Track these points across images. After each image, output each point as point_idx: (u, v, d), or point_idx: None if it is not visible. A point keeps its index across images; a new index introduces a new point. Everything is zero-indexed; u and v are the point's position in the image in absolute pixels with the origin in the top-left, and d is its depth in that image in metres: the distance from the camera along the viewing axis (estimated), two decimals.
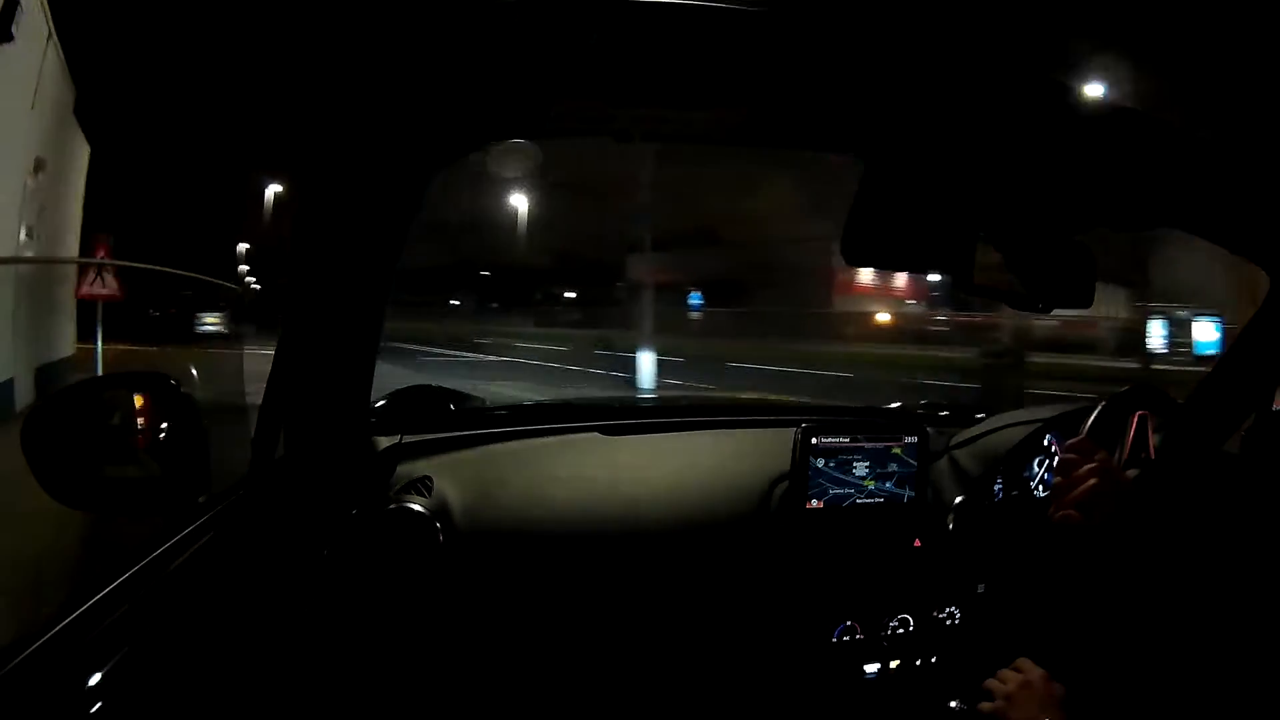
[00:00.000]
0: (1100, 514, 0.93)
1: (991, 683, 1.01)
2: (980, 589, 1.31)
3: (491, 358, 15.11)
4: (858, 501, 1.25)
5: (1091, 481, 0.91)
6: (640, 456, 1.29)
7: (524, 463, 1.22)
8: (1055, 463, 1.40)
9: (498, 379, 10.60)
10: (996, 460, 1.37)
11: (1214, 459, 1.26)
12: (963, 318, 15.87)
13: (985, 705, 0.99)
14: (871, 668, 1.26)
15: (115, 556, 0.81)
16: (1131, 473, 1.30)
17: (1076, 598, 1.30)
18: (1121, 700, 1.04)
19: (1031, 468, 1.39)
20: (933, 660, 1.29)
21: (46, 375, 7.11)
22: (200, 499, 0.87)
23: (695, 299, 20.04)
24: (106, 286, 6.60)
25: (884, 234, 0.96)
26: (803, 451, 1.22)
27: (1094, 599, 1.28)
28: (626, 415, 1.47)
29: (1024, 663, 1.02)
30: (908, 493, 1.28)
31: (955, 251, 1.00)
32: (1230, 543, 1.08)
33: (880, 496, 1.26)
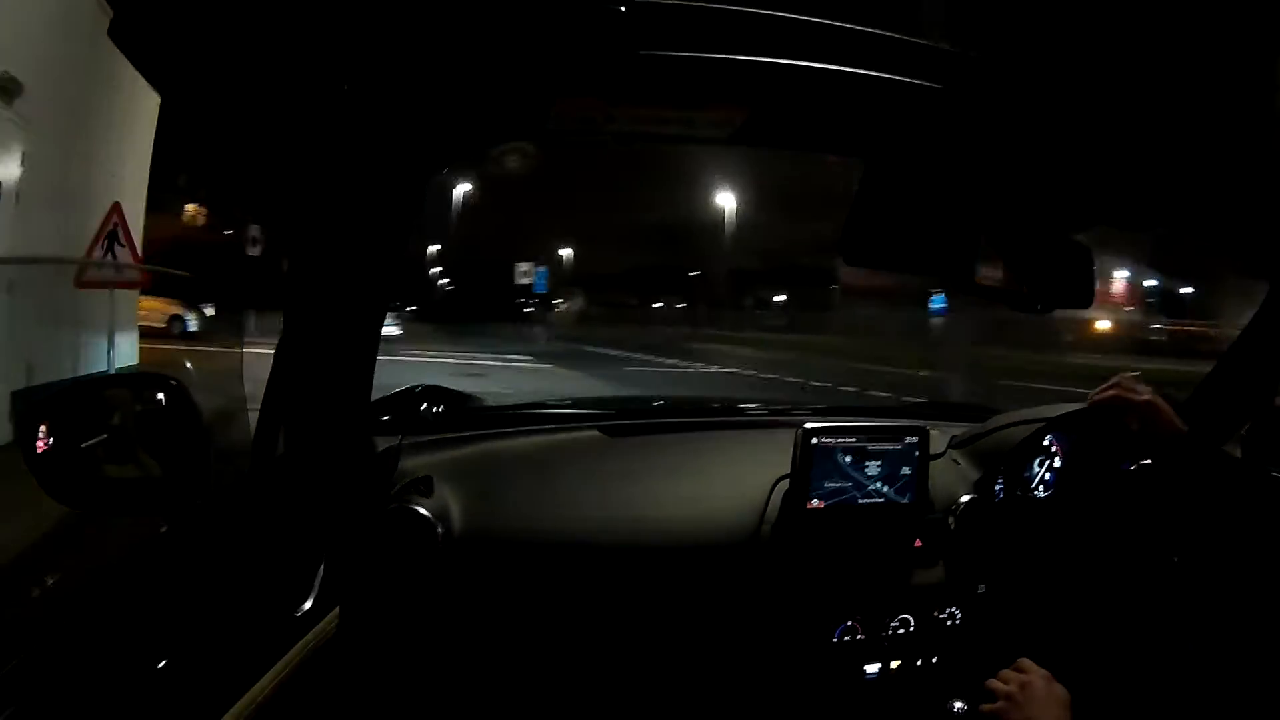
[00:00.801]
0: None
1: (993, 683, 1.01)
2: (981, 589, 1.31)
3: (715, 369, 13.09)
4: (859, 502, 1.25)
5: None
6: (642, 456, 1.29)
7: (525, 463, 1.22)
8: (1056, 463, 1.41)
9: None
10: (997, 460, 1.37)
11: (1214, 459, 1.26)
12: (1178, 326, 15.30)
13: (986, 706, 0.99)
14: (872, 668, 1.26)
15: (114, 557, 0.81)
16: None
17: (1077, 598, 1.30)
18: (1123, 700, 1.04)
19: (1032, 468, 1.39)
20: (933, 660, 1.29)
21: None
22: (200, 499, 0.87)
23: (938, 302, 16.53)
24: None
25: (885, 233, 0.96)
26: (804, 452, 1.22)
27: (1095, 599, 1.28)
28: (629, 415, 1.48)
29: (1025, 663, 1.02)
30: (909, 493, 1.28)
31: (956, 252, 1.00)
32: (1231, 542, 1.08)
33: (881, 497, 1.26)
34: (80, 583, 0.76)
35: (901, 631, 1.26)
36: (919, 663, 1.28)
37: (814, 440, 1.22)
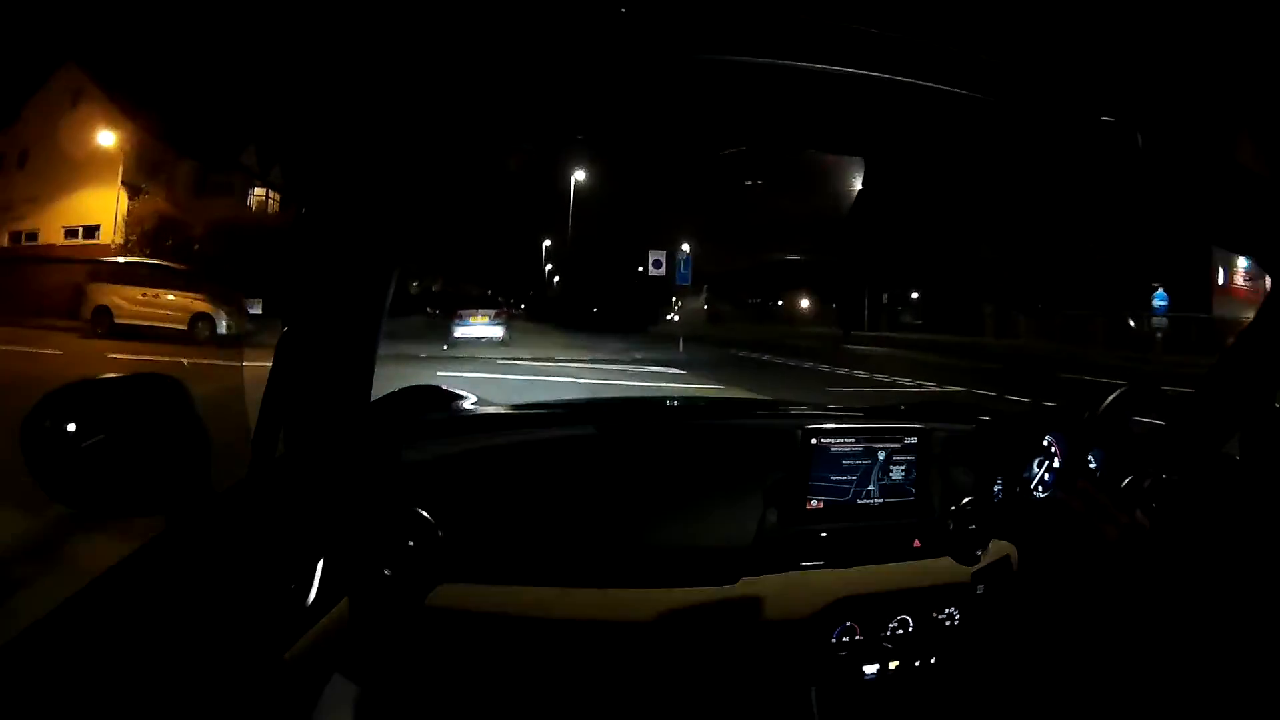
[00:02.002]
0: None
1: None
2: (980, 590, 1.31)
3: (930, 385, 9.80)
4: (858, 502, 1.25)
5: None
6: (641, 456, 1.29)
7: (524, 463, 1.22)
8: (1056, 463, 1.41)
9: None
10: (997, 460, 1.37)
11: (1214, 459, 1.26)
12: None
13: None
14: (871, 669, 1.26)
15: (113, 556, 0.81)
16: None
17: (1076, 598, 1.30)
18: (1123, 699, 1.04)
19: (1031, 468, 1.39)
20: (932, 661, 1.29)
21: None
22: (200, 499, 0.87)
23: (1161, 300, 13.83)
24: None
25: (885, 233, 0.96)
26: (804, 451, 1.22)
27: (1094, 600, 1.28)
28: (628, 416, 1.47)
29: None
30: (908, 493, 1.28)
31: (956, 252, 1.00)
32: (1231, 542, 1.08)
33: (880, 496, 1.26)
34: (80, 582, 0.76)
35: (900, 632, 1.26)
36: (918, 664, 1.28)
37: (813, 440, 1.22)
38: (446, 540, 1.09)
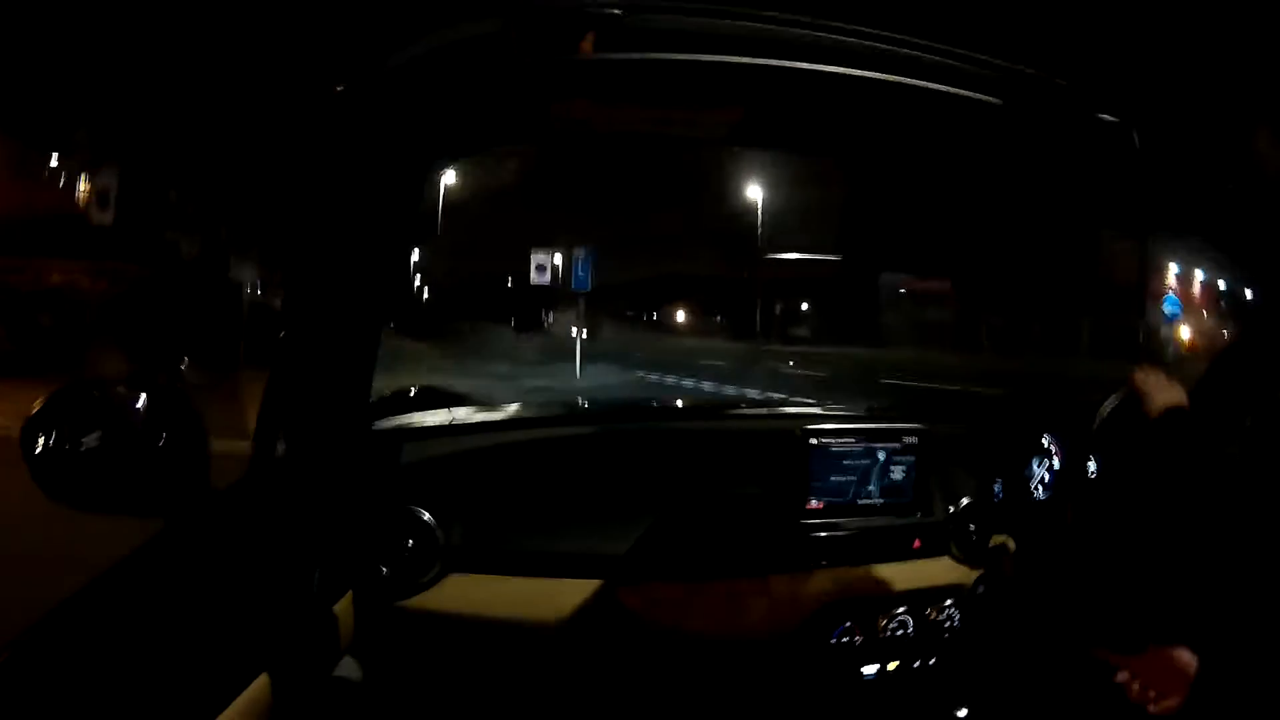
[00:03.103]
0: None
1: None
2: (980, 589, 1.31)
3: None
4: (858, 502, 1.25)
5: None
6: (641, 456, 1.29)
7: (523, 463, 1.22)
8: (1055, 463, 1.41)
9: None
10: (996, 461, 1.37)
11: (1214, 459, 1.25)
12: None
13: (1122, 676, 0.98)
14: (870, 668, 1.26)
15: (113, 557, 0.81)
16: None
17: (1075, 598, 1.30)
18: (1124, 699, 1.03)
19: (1031, 468, 1.39)
20: (931, 661, 1.29)
21: None
22: (200, 499, 0.87)
23: (1173, 306, 12.70)
24: None
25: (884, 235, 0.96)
26: (803, 451, 1.22)
27: (1093, 599, 1.28)
28: (628, 416, 1.47)
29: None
30: (908, 493, 1.28)
31: (955, 253, 1.00)
32: (1231, 541, 1.08)
33: (880, 497, 1.26)
34: (80, 582, 0.76)
35: (900, 632, 1.26)
36: (917, 664, 1.28)
37: (813, 440, 1.22)
38: (445, 540, 1.09)
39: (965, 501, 1.31)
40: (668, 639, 1.17)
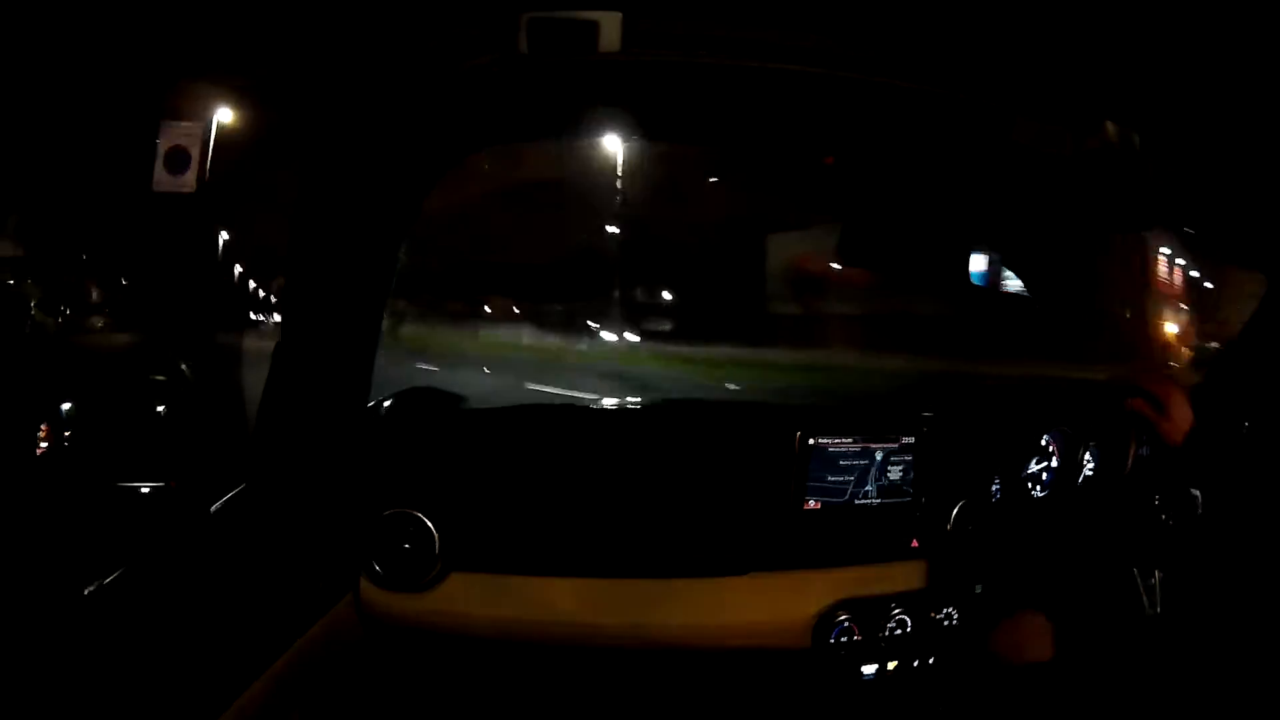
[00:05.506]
0: None
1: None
2: (978, 589, 1.31)
3: None
4: (855, 502, 1.25)
5: None
6: (639, 455, 1.29)
7: (523, 463, 1.22)
8: (1054, 463, 1.41)
9: None
10: (995, 460, 1.37)
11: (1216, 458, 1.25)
12: None
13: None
14: (869, 669, 1.26)
15: (113, 556, 0.82)
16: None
17: (1074, 598, 1.30)
18: (1119, 697, 1.04)
19: (1029, 468, 1.39)
20: (930, 661, 1.29)
21: None
22: (201, 499, 0.87)
23: None
24: None
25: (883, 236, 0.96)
26: (801, 451, 1.22)
27: (1091, 599, 1.28)
28: (627, 416, 1.47)
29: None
30: (905, 493, 1.28)
31: (955, 253, 1.00)
32: (1230, 541, 1.08)
33: (878, 497, 1.26)
34: (80, 582, 0.77)
35: (898, 632, 1.26)
36: (916, 664, 1.28)
37: (810, 440, 1.22)
38: (445, 540, 1.09)
39: (963, 501, 1.31)
40: (667, 638, 1.18)
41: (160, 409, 0.86)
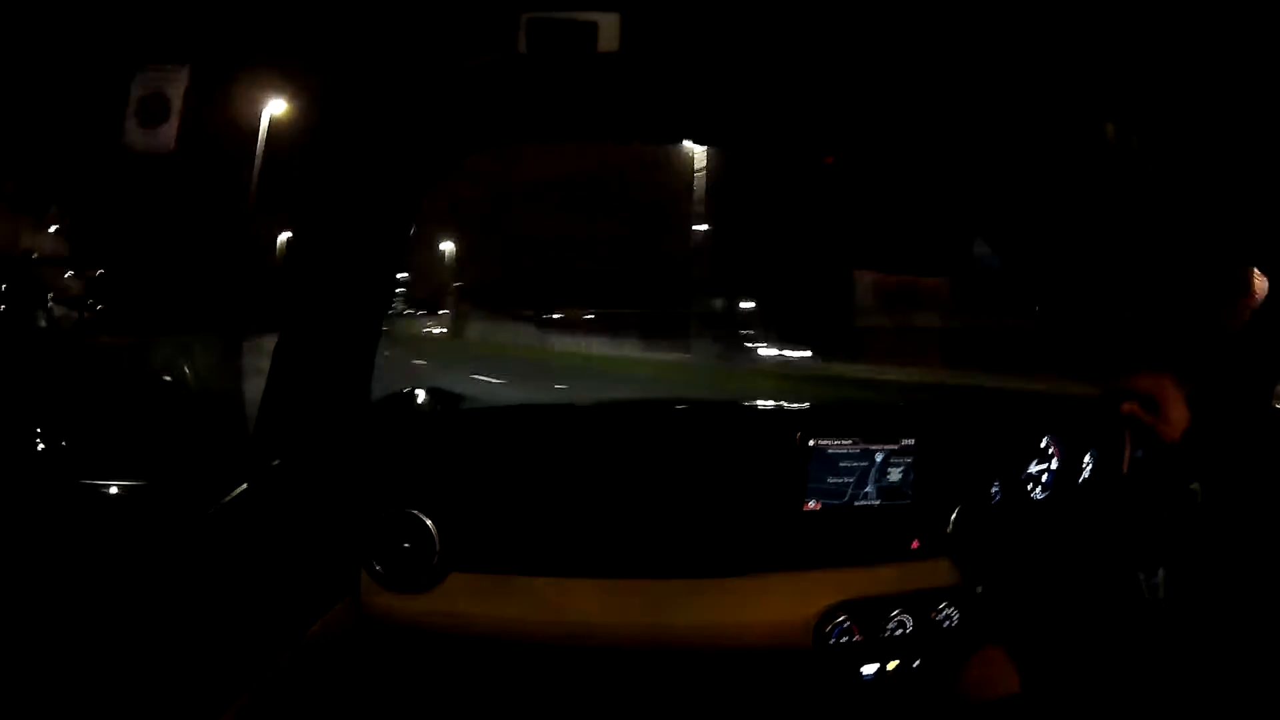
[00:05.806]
0: None
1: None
2: (978, 590, 1.31)
3: None
4: (855, 503, 1.25)
5: None
6: (639, 456, 1.29)
7: (523, 463, 1.22)
8: (1054, 465, 1.41)
9: None
10: (995, 462, 1.37)
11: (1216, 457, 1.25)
12: None
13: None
14: (869, 669, 1.26)
15: (113, 556, 0.82)
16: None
17: (1074, 599, 1.30)
18: (1119, 698, 1.04)
19: (1029, 470, 1.39)
20: (930, 662, 1.29)
21: None
22: (200, 499, 0.87)
23: None
24: None
25: (883, 237, 0.96)
26: (801, 452, 1.22)
27: (1091, 601, 1.28)
28: (627, 416, 1.47)
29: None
30: (906, 494, 1.28)
31: (954, 253, 1.00)
32: (1229, 540, 1.08)
33: (878, 498, 1.26)
34: (81, 581, 0.77)
35: (899, 633, 1.26)
36: (916, 664, 1.28)
37: (810, 441, 1.22)
38: (444, 542, 1.09)
39: (964, 502, 1.31)
40: (666, 638, 1.18)
41: (161, 409, 0.87)
